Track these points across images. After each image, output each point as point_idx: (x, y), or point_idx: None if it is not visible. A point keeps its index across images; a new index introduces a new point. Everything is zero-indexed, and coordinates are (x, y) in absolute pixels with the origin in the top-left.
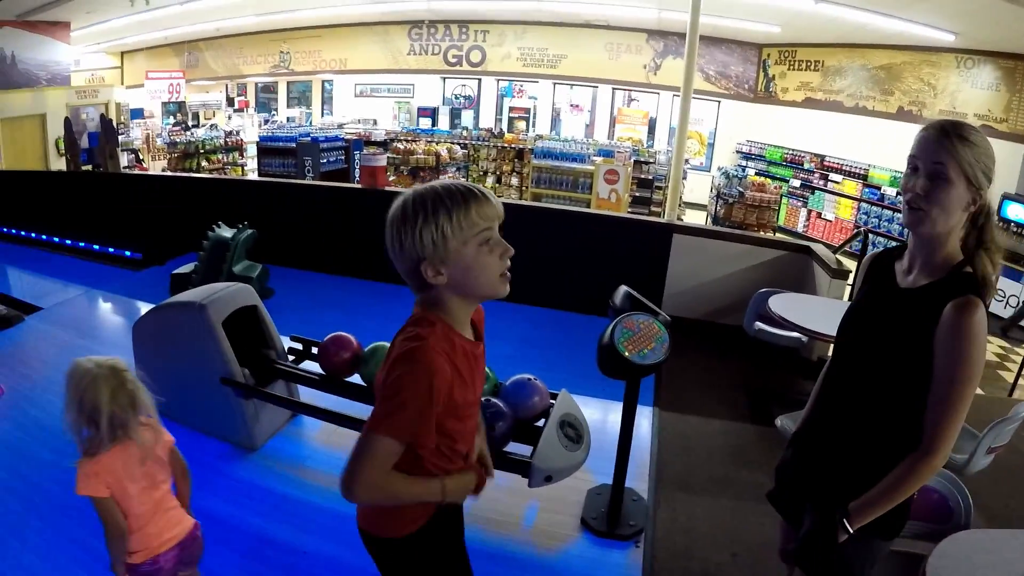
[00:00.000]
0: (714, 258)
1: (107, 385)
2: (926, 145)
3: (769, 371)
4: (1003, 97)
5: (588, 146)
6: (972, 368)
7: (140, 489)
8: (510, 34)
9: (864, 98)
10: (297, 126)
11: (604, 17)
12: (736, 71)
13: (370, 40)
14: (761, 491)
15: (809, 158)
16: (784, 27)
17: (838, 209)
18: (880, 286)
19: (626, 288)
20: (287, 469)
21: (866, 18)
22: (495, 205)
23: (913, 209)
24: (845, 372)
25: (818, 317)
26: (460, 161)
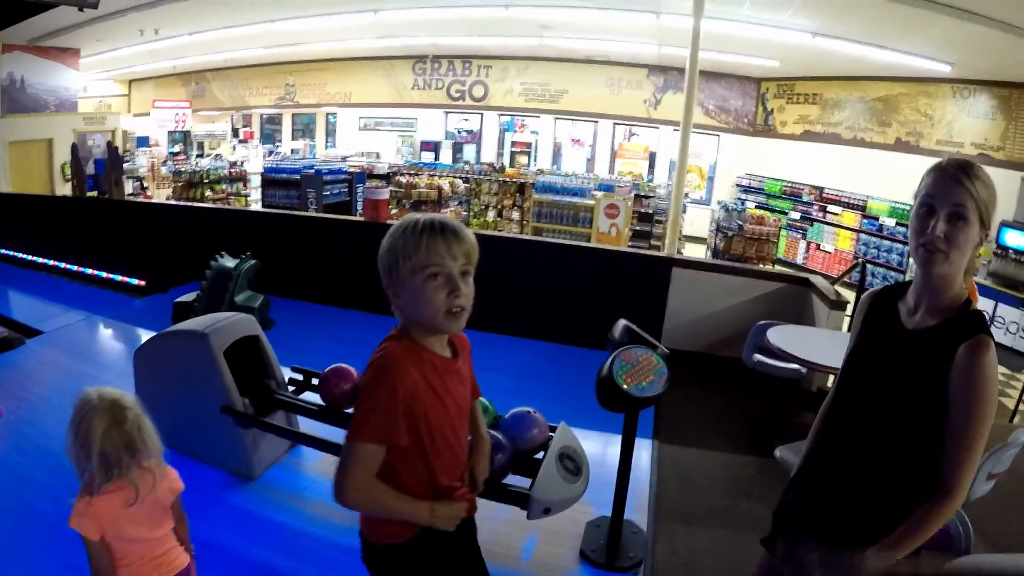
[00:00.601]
0: (713, 291)
1: (102, 420)
2: (944, 186)
3: (769, 403)
4: (999, 125)
5: (589, 180)
6: (987, 408)
7: (137, 533)
8: (512, 69)
9: (862, 130)
10: (301, 158)
11: (605, 53)
12: (735, 105)
13: (375, 74)
14: (761, 524)
15: (808, 190)
16: (782, 61)
17: (837, 240)
18: (884, 327)
19: (625, 321)
20: (286, 499)
21: (863, 51)
22: (460, 244)
23: (931, 252)
24: (852, 415)
25: (817, 348)
26: (462, 195)
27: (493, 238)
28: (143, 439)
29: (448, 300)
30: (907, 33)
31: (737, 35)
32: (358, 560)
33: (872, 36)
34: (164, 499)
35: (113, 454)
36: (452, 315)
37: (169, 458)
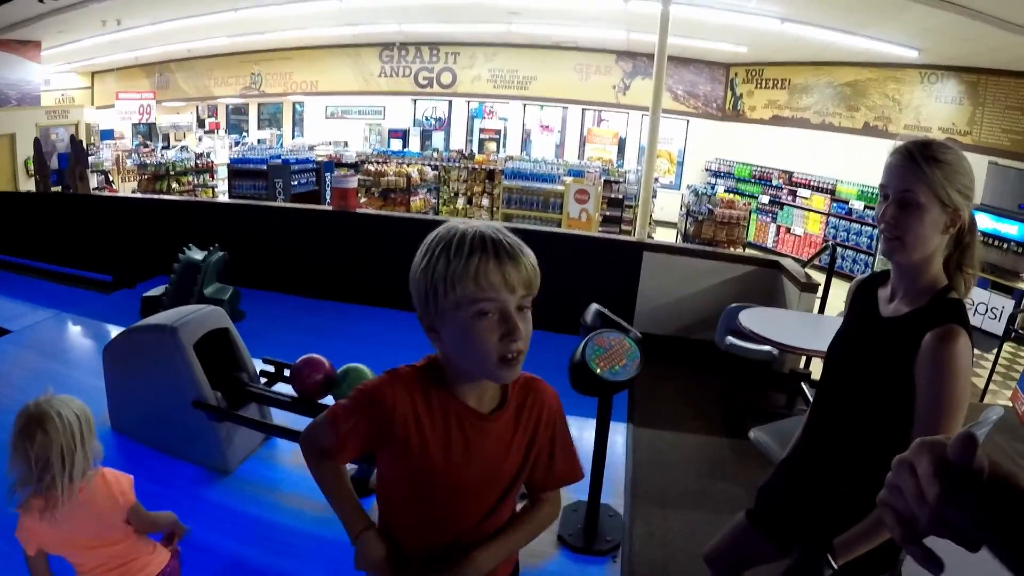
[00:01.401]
0: (684, 275)
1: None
2: (893, 172)
3: (741, 385)
4: (967, 110)
5: (558, 166)
6: (954, 400)
7: (72, 547)
8: (480, 56)
9: (830, 114)
10: (268, 148)
11: (574, 39)
12: (704, 90)
13: (341, 62)
14: (737, 504)
15: (777, 174)
16: (751, 47)
17: (807, 224)
18: (863, 314)
19: (597, 306)
20: (261, 492)
21: (831, 37)
22: (516, 273)
23: (888, 239)
24: (830, 402)
25: (788, 330)
26: (431, 183)
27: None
28: (62, 454)
29: (502, 345)
30: (876, 19)
31: (706, 20)
32: (335, 551)
33: (841, 22)
34: (106, 512)
35: (24, 469)
36: (506, 362)
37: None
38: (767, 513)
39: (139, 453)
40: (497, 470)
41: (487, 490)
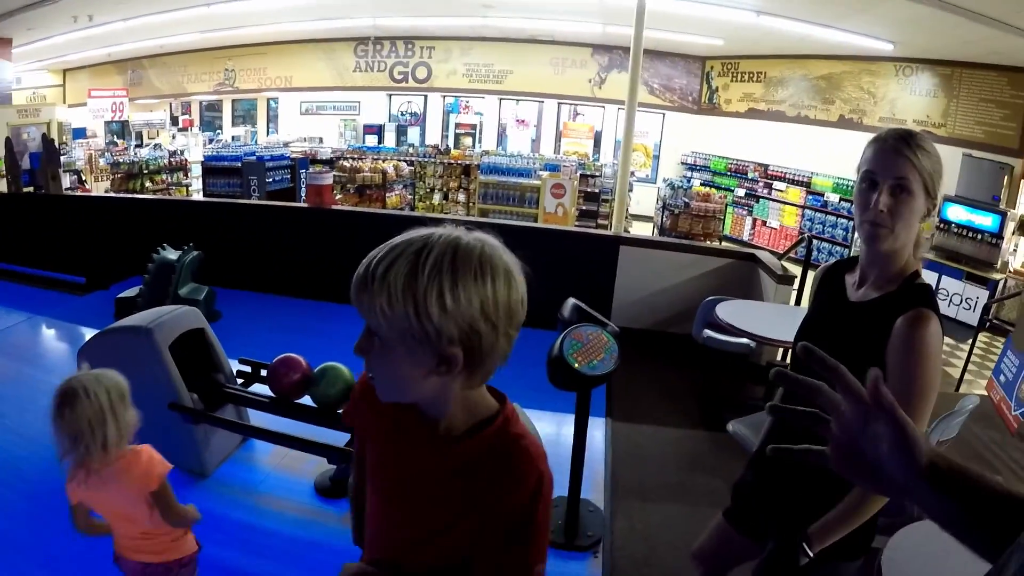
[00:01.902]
0: (661, 268)
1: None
2: (884, 158)
3: (719, 377)
4: (941, 103)
5: (534, 161)
6: (925, 382)
7: (104, 512)
8: (456, 50)
9: (806, 107)
10: (242, 145)
11: (549, 32)
12: (680, 84)
13: (316, 57)
14: (716, 496)
15: (753, 167)
16: (727, 40)
17: (783, 217)
18: (831, 300)
19: (574, 300)
20: (239, 495)
21: (807, 30)
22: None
23: (876, 224)
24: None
25: (765, 322)
26: (407, 178)
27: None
28: (91, 426)
29: None
30: (851, 12)
31: (682, 13)
32: (315, 553)
33: (816, 15)
34: (134, 488)
35: (63, 442)
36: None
37: None
38: (743, 509)
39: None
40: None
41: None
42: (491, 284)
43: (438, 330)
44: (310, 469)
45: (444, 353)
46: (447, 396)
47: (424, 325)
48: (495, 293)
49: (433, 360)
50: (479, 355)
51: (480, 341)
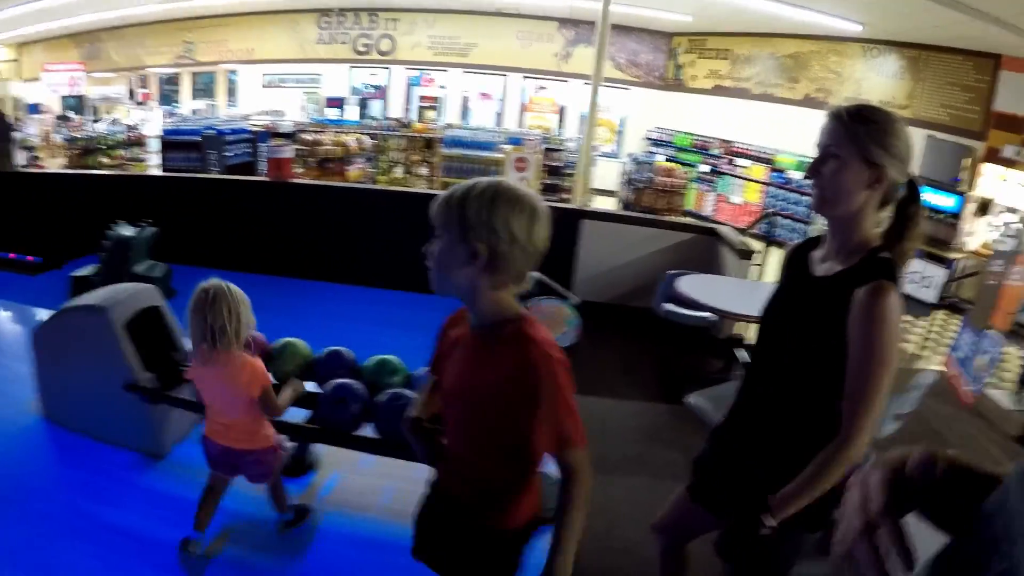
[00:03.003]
0: (624, 243)
1: (194, 303)
2: (824, 128)
3: (680, 351)
4: (906, 85)
5: (498, 135)
6: (885, 354)
7: (205, 394)
8: (420, 22)
9: (772, 86)
10: (202, 118)
11: (516, 5)
12: (646, 59)
13: (278, 29)
14: (676, 469)
15: (717, 144)
16: (696, 16)
17: (745, 193)
18: (796, 276)
19: (536, 274)
20: (197, 475)
21: (776, 8)
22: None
23: (813, 193)
24: (763, 364)
25: (726, 296)
26: (369, 152)
27: (402, 194)
28: (209, 328)
29: None
30: None
31: None
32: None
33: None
34: (235, 384)
35: (195, 331)
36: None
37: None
38: (704, 483)
39: (71, 442)
40: (453, 384)
41: (447, 402)
42: (516, 210)
43: (472, 228)
44: None
45: (473, 248)
46: (477, 290)
47: (463, 226)
48: (518, 217)
49: (466, 254)
50: (499, 259)
51: (500, 246)
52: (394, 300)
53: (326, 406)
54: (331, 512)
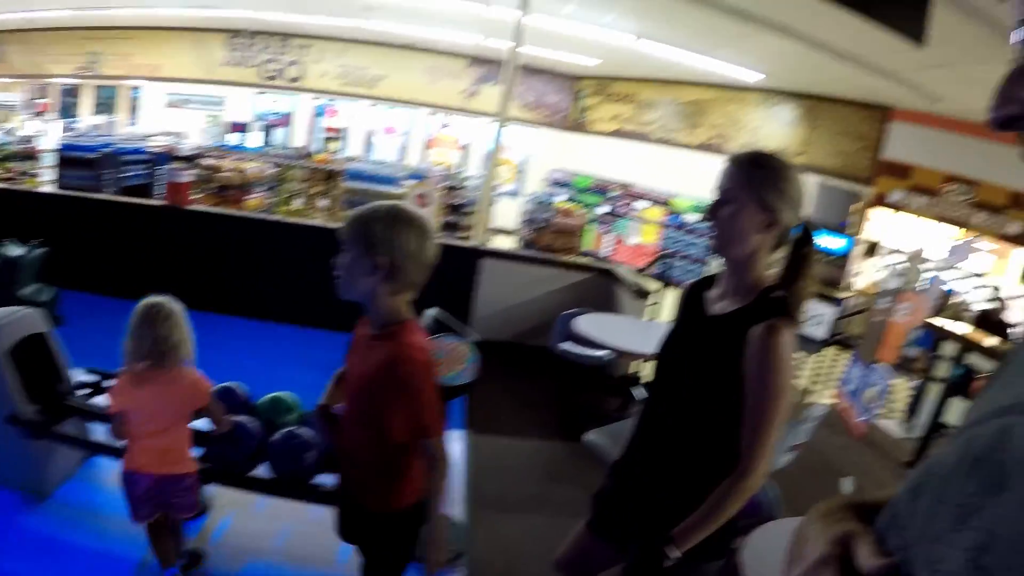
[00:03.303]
0: (522, 281)
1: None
2: (722, 172)
3: (577, 389)
4: (802, 133)
5: (400, 169)
6: (779, 389)
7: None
8: (331, 51)
9: (672, 131)
10: (100, 135)
11: (428, 40)
12: (552, 100)
13: (185, 47)
14: (576, 506)
15: (616, 186)
16: (602, 61)
17: (642, 234)
18: (691, 314)
19: (434, 311)
20: (83, 517)
21: (680, 56)
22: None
23: (710, 235)
24: (660, 400)
25: (623, 335)
26: (269, 181)
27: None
28: (159, 344)
29: None
30: (723, 43)
31: (561, 32)
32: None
33: (691, 43)
34: (175, 402)
35: (138, 348)
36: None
37: None
38: (604, 518)
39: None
40: (353, 380)
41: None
42: (413, 229)
43: (375, 244)
44: None
45: (375, 261)
46: (376, 296)
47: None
48: (415, 236)
49: (370, 266)
50: (397, 271)
51: (398, 260)
52: (291, 336)
53: (219, 444)
54: (224, 555)
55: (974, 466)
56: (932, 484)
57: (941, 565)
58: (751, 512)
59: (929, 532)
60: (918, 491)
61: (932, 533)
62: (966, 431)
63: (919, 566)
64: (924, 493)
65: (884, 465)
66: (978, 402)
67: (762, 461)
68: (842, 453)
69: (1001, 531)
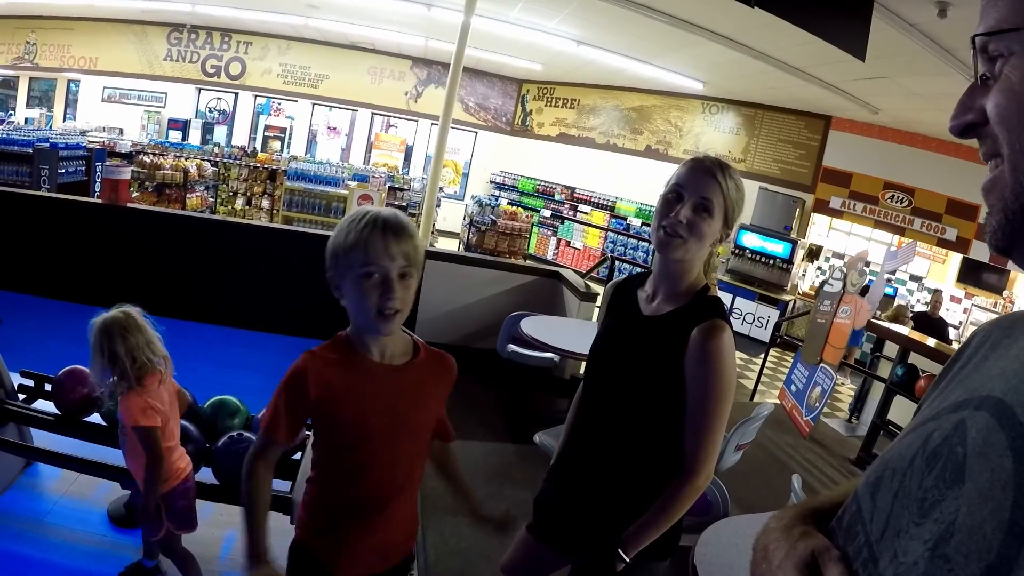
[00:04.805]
0: (467, 284)
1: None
2: (695, 178)
3: (525, 391)
4: (742, 140)
5: (343, 170)
6: (724, 389)
7: (169, 412)
8: (273, 48)
9: (615, 136)
10: (36, 129)
11: (371, 40)
12: (495, 104)
13: (126, 39)
14: (526, 507)
15: (560, 190)
16: (545, 65)
17: (586, 238)
18: (623, 314)
19: None
20: (24, 526)
21: (623, 63)
22: (397, 245)
23: (671, 236)
24: (597, 402)
25: (569, 337)
26: (209, 179)
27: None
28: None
29: (380, 301)
30: (665, 51)
31: (505, 36)
32: None
33: (633, 50)
34: (174, 401)
35: (141, 354)
36: (383, 317)
37: None
38: (545, 522)
39: None
40: (405, 418)
41: (395, 435)
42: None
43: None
44: (103, 495)
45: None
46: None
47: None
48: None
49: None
50: None
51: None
52: (234, 338)
53: None
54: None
55: (932, 460)
56: (891, 479)
57: (904, 557)
58: (702, 511)
59: (891, 527)
60: (877, 486)
61: (894, 528)
62: (921, 427)
63: (884, 563)
64: (883, 488)
65: (831, 462)
66: (931, 399)
67: (709, 461)
68: (790, 451)
69: (962, 521)
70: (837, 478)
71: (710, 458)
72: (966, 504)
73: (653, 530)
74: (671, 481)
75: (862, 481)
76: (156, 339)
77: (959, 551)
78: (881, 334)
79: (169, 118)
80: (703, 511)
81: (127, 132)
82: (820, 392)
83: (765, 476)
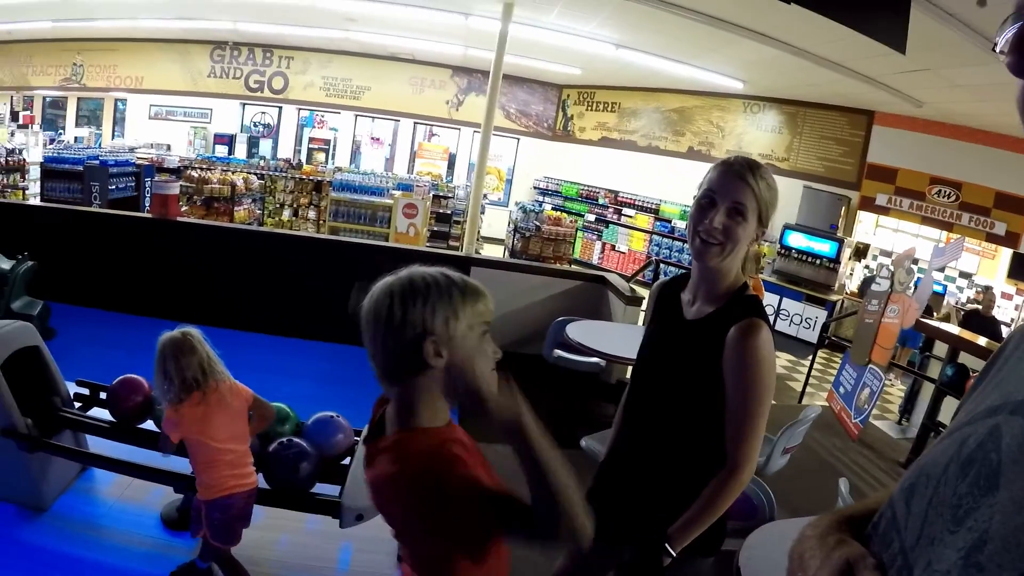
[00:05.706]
0: (512, 290)
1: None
2: (728, 181)
3: (571, 396)
4: (785, 139)
5: (387, 180)
6: (762, 386)
7: (217, 437)
8: (315, 62)
9: (657, 138)
10: (85, 147)
11: (411, 51)
12: (537, 110)
13: (169, 58)
14: None
15: (604, 193)
16: (585, 69)
17: (631, 241)
18: (668, 318)
19: None
20: (80, 529)
21: (662, 64)
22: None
23: (707, 243)
24: (643, 403)
25: (615, 342)
26: (256, 192)
27: (289, 237)
28: (210, 362)
29: (493, 358)
30: (704, 51)
31: (543, 41)
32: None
33: (672, 51)
34: (238, 412)
35: (190, 374)
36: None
37: None
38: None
39: None
40: None
41: None
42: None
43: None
44: (156, 499)
45: None
46: None
47: None
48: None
49: None
50: None
51: None
52: (281, 347)
53: None
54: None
55: (966, 466)
56: (926, 485)
57: (938, 565)
58: (748, 515)
59: (925, 535)
60: (912, 492)
61: (928, 536)
62: (957, 431)
63: (918, 571)
64: (917, 495)
65: (880, 465)
66: (967, 402)
67: (751, 456)
68: (838, 454)
69: (995, 529)
70: (886, 481)
71: (752, 453)
72: (1000, 512)
73: (698, 525)
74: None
75: (897, 487)
76: (213, 358)
77: (992, 560)
78: (930, 333)
79: (215, 133)
80: (749, 515)
81: (174, 148)
82: (869, 394)
83: (813, 480)
